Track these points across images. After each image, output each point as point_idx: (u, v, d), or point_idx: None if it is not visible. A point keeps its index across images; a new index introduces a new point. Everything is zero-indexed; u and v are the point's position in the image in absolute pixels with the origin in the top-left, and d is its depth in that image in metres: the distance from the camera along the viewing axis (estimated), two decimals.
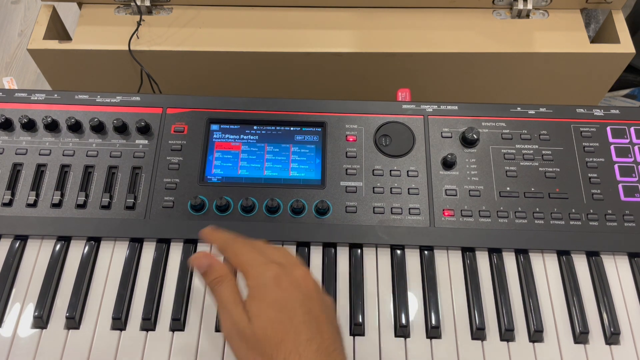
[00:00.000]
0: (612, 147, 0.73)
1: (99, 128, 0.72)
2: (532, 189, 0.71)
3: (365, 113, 0.75)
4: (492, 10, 1.00)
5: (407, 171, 0.71)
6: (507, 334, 0.63)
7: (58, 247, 0.66)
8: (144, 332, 0.62)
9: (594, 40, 1.05)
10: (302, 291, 0.50)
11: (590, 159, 0.73)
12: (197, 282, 0.65)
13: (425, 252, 0.68)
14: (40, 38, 0.94)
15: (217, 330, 0.62)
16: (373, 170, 0.71)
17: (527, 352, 0.62)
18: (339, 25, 0.97)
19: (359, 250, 0.67)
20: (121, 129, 0.72)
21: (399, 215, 0.69)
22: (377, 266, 0.67)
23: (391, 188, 0.70)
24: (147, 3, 0.97)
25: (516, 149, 0.73)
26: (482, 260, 0.68)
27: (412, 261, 0.67)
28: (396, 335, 0.63)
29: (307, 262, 0.67)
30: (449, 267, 0.67)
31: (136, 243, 0.67)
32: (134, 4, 0.96)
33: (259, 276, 0.51)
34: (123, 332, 0.62)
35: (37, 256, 0.66)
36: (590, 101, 1.07)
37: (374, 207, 0.69)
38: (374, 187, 0.70)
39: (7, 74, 1.59)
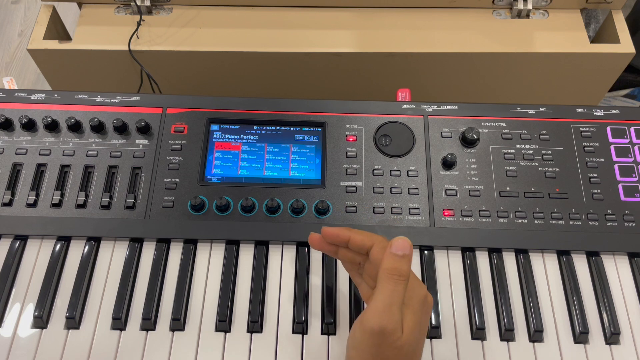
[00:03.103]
0: (612, 147, 0.73)
1: (99, 128, 0.72)
2: (532, 189, 0.71)
3: (365, 113, 0.75)
4: (492, 10, 1.00)
5: (407, 171, 0.71)
6: (507, 334, 0.63)
7: (58, 247, 0.66)
8: (144, 332, 0.62)
9: (594, 40, 1.05)
10: (428, 316, 0.54)
11: (590, 159, 0.73)
12: (197, 282, 0.65)
13: (425, 252, 0.68)
14: (40, 38, 0.94)
15: (217, 330, 0.63)
16: (373, 170, 0.71)
17: (527, 352, 0.62)
18: (339, 25, 0.97)
19: None
20: (121, 129, 0.72)
21: (399, 215, 0.69)
22: None
23: (391, 188, 0.70)
24: (147, 3, 0.97)
25: (516, 149, 0.73)
26: (482, 260, 0.68)
27: (412, 261, 0.67)
28: None
29: (307, 263, 0.67)
30: (449, 267, 0.67)
31: (136, 243, 0.67)
32: (134, 4, 0.96)
33: (415, 289, 0.52)
34: (123, 332, 0.62)
35: (37, 256, 0.66)
36: (590, 101, 1.07)
37: (374, 207, 0.69)
38: (374, 187, 0.70)
39: (7, 74, 1.59)
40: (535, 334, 0.63)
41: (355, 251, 0.56)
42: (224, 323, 0.62)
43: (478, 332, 0.63)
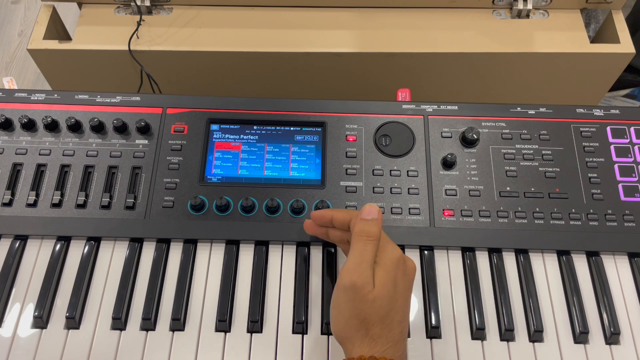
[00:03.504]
0: (612, 147, 0.73)
1: (99, 128, 0.72)
2: (532, 189, 0.71)
3: (365, 113, 0.75)
4: (492, 10, 1.00)
5: (407, 171, 0.71)
6: (507, 334, 0.63)
7: (58, 247, 0.66)
8: (144, 332, 0.62)
9: (594, 40, 1.05)
10: (408, 280, 0.57)
11: (590, 159, 0.73)
12: (197, 282, 0.65)
13: (425, 252, 0.68)
14: (40, 38, 0.94)
15: (217, 330, 0.63)
16: (373, 170, 0.71)
17: (527, 352, 0.62)
18: (339, 25, 0.97)
19: None
20: (121, 129, 0.72)
21: (399, 215, 0.69)
22: None
23: (391, 188, 0.70)
24: (147, 3, 0.97)
25: (516, 149, 0.73)
26: (482, 260, 0.68)
27: (413, 260, 0.67)
28: None
29: (307, 262, 0.67)
30: (449, 267, 0.67)
31: (136, 243, 0.67)
32: (134, 4, 0.96)
33: (390, 251, 0.56)
34: (123, 332, 0.62)
35: (37, 256, 0.66)
36: (590, 101, 1.07)
37: None
38: (374, 187, 0.70)
39: (7, 74, 1.59)
40: (535, 334, 0.63)
41: (341, 228, 0.61)
42: (224, 323, 0.62)
43: (478, 332, 0.63)
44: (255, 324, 0.62)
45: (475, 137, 0.72)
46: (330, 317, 0.56)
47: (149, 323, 0.62)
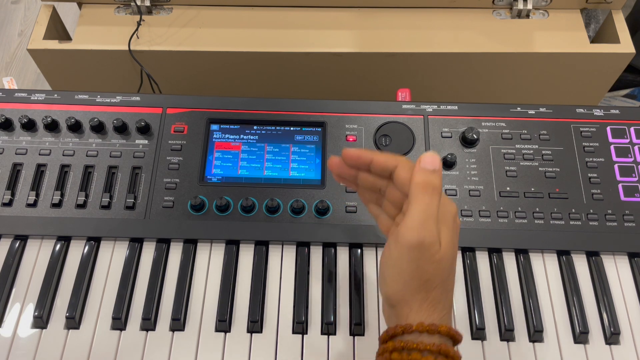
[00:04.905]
0: (612, 147, 0.73)
1: (99, 128, 0.72)
2: (532, 189, 0.71)
3: (365, 113, 0.75)
4: (492, 10, 1.00)
5: None
6: (507, 334, 0.63)
7: (58, 247, 0.66)
8: (144, 332, 0.62)
9: (594, 40, 1.05)
10: (458, 236, 0.52)
11: (590, 159, 0.73)
12: (197, 282, 0.65)
13: None
14: (40, 38, 0.94)
15: (217, 330, 0.63)
16: None
17: (527, 352, 0.62)
18: (339, 25, 0.97)
19: (359, 250, 0.67)
20: (121, 129, 0.72)
21: None
22: (377, 266, 0.67)
23: None
24: (147, 3, 0.97)
25: (516, 149, 0.73)
26: (482, 260, 0.68)
27: None
28: None
29: (307, 262, 0.67)
30: None
31: (136, 243, 0.67)
32: (134, 4, 0.96)
33: (446, 205, 0.50)
34: (123, 332, 0.62)
35: (37, 256, 0.66)
36: (590, 101, 1.07)
37: None
38: None
39: (7, 74, 1.59)
40: (535, 334, 0.63)
41: (377, 174, 0.53)
42: (224, 323, 0.62)
43: (478, 332, 0.63)
44: (255, 324, 0.62)
45: (475, 137, 0.72)
46: (383, 278, 0.50)
47: (149, 323, 0.62)
